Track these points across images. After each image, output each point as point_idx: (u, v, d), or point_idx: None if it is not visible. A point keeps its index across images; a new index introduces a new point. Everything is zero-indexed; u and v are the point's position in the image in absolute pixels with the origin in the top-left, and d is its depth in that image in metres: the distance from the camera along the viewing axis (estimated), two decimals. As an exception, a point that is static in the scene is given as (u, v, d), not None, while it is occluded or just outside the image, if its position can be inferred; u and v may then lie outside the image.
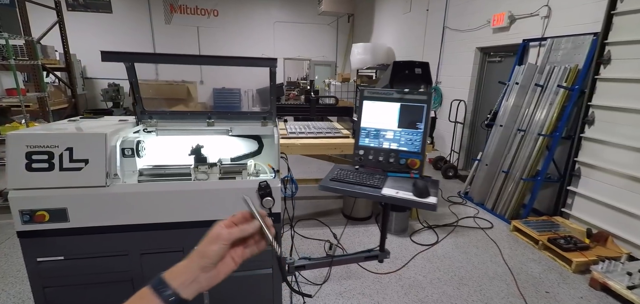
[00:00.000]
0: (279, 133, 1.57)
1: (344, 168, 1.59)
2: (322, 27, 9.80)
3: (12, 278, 2.33)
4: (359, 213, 3.57)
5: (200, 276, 0.55)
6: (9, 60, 3.22)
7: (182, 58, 1.55)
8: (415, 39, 6.35)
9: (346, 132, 3.34)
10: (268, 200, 1.52)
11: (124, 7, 8.55)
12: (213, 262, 0.55)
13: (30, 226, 1.40)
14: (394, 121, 1.55)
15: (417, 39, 6.26)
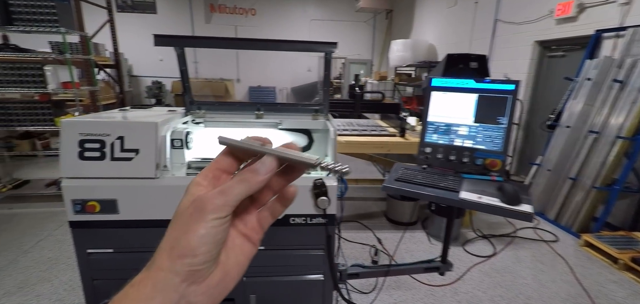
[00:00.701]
0: (335, 127, 1.42)
1: (409, 168, 1.40)
2: (358, 24, 9.59)
3: (63, 265, 2.38)
4: (403, 217, 3.34)
5: (190, 292, 0.29)
6: (65, 54, 3.36)
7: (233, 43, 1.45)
8: (461, 34, 5.96)
9: (393, 130, 3.13)
10: (323, 200, 1.38)
11: (168, 7, 8.88)
12: (206, 260, 0.29)
13: (82, 216, 1.36)
14: (470, 115, 1.34)
15: (464, 34, 5.87)
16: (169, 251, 0.30)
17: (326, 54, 1.46)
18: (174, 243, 0.30)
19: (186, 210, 0.31)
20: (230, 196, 0.31)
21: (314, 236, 1.50)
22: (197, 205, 0.30)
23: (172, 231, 0.31)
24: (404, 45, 6.93)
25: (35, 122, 3.32)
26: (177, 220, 0.31)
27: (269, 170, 0.33)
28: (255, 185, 0.32)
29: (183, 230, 0.30)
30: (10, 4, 3.13)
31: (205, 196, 0.30)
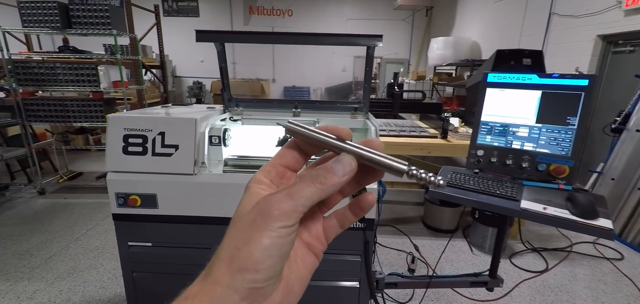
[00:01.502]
0: (377, 126, 1.33)
1: (458, 172, 1.28)
2: (396, 23, 9.33)
3: (108, 254, 2.51)
4: (442, 224, 3.15)
5: None
6: (116, 55, 3.57)
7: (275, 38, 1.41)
8: (509, 30, 5.56)
9: (433, 131, 2.96)
10: (362, 203, 1.29)
11: (209, 10, 9.24)
12: (270, 276, 0.25)
13: (124, 209, 1.39)
14: (531, 114, 1.19)
15: (512, 30, 5.46)
16: (228, 263, 0.25)
17: (369, 48, 1.37)
18: (234, 254, 0.25)
19: (248, 215, 0.26)
20: (300, 199, 0.25)
21: (350, 240, 1.42)
22: (261, 209, 0.25)
23: (231, 239, 0.26)
24: (445, 43, 6.61)
25: (89, 118, 3.56)
26: (237, 225, 0.26)
27: (348, 171, 0.27)
28: (330, 188, 0.27)
29: (244, 239, 0.24)
30: (70, 8, 3.39)
31: (271, 199, 0.25)
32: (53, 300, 2.04)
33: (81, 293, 2.10)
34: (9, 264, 2.37)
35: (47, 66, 3.47)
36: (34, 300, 2.03)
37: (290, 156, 0.31)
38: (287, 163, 0.30)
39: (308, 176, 0.27)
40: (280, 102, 1.67)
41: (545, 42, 4.64)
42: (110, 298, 2.07)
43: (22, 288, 2.13)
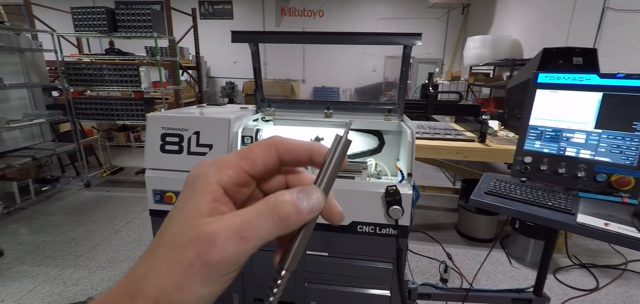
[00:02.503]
0: (414, 128, 1.27)
1: (502, 179, 1.18)
2: (430, 21, 9.04)
3: (145, 247, 2.60)
4: (478, 233, 2.99)
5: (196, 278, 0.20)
6: (156, 57, 3.75)
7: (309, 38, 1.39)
8: (555, 28, 5.18)
9: (470, 134, 2.81)
10: (396, 210, 1.24)
11: (243, 13, 9.48)
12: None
13: (160, 205, 1.44)
14: (589, 118, 1.07)
15: (559, 27, 5.08)
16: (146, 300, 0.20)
17: (405, 48, 1.31)
18: (160, 298, 0.19)
19: (184, 249, 0.20)
20: (253, 241, 0.21)
21: (382, 247, 1.37)
22: (201, 251, 0.20)
23: (159, 275, 0.20)
24: (483, 42, 6.29)
25: (130, 117, 3.77)
26: (167, 258, 0.20)
27: (316, 210, 0.23)
28: (293, 226, 0.23)
29: (176, 283, 0.19)
30: (117, 13, 3.61)
31: (216, 240, 0.20)
32: (95, 288, 2.16)
33: (120, 283, 2.21)
34: (58, 251, 2.55)
35: (95, 67, 3.71)
36: (79, 286, 2.16)
37: (262, 164, 0.24)
38: (255, 172, 0.24)
39: (266, 207, 0.21)
40: (312, 102, 1.65)
41: (598, 39, 4.26)
42: (146, 289, 2.16)
43: (68, 274, 2.28)
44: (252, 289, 1.51)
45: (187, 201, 0.22)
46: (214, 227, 0.20)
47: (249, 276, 1.49)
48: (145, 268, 0.20)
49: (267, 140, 0.25)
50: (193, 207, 0.21)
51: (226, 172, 0.23)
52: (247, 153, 0.24)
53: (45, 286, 2.15)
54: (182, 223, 0.21)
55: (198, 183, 0.22)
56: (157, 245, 0.21)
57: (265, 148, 0.24)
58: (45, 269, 2.32)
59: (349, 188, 1.31)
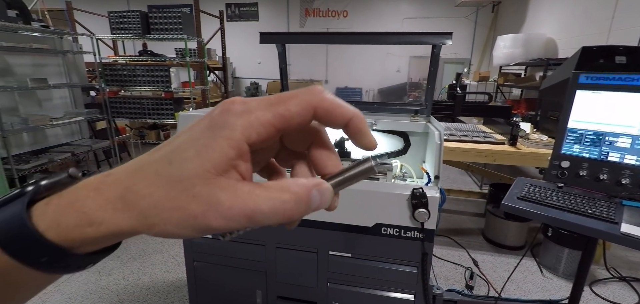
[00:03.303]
0: (442, 130, 1.23)
1: (536, 184, 1.13)
2: (457, 20, 8.78)
3: (171, 241, 2.73)
4: (506, 239, 2.87)
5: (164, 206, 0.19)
6: (186, 58, 3.88)
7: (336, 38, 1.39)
8: (595, 25, 4.88)
9: (500, 137, 2.70)
10: (422, 213, 1.21)
11: (268, 14, 9.64)
12: None
13: (189, 201, 1.48)
14: (636, 121, 1.00)
15: (598, 25, 4.78)
16: (134, 204, 0.20)
17: (434, 47, 1.28)
18: (157, 222, 0.20)
19: (191, 198, 0.19)
20: (257, 225, 0.21)
21: (407, 250, 1.34)
22: (207, 212, 0.19)
23: (156, 197, 0.19)
24: (514, 41, 6.04)
25: (161, 116, 3.93)
26: (170, 187, 0.19)
27: (322, 206, 0.23)
28: (296, 216, 0.21)
29: (175, 220, 0.20)
30: (150, 16, 3.77)
31: (225, 210, 0.19)
32: (126, 277, 2.27)
33: (149, 274, 2.31)
34: (93, 242, 2.70)
35: (129, 68, 3.90)
36: (111, 276, 2.28)
37: (296, 125, 0.22)
38: (287, 130, 0.22)
39: (281, 204, 0.20)
40: (336, 102, 1.65)
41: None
42: (173, 282, 2.24)
43: (101, 264, 2.41)
44: (275, 286, 1.52)
45: (207, 147, 0.19)
46: (227, 199, 0.19)
47: (272, 274, 1.51)
48: (145, 188, 0.19)
49: (306, 95, 0.21)
50: (212, 160, 0.19)
51: (257, 130, 0.20)
52: (283, 109, 0.21)
53: (82, 274, 2.28)
54: (197, 171, 0.19)
55: (224, 133, 0.20)
56: (163, 171, 0.20)
57: (303, 107, 0.21)
58: (82, 259, 2.46)
59: (373, 189, 1.29)
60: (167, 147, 0.21)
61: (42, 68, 3.47)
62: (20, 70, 3.24)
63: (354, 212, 1.33)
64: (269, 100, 0.21)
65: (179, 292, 2.13)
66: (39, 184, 0.20)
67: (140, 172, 0.20)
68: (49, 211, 0.19)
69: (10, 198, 0.20)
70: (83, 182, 0.20)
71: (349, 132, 0.23)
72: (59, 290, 2.13)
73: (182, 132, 0.21)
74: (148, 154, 0.21)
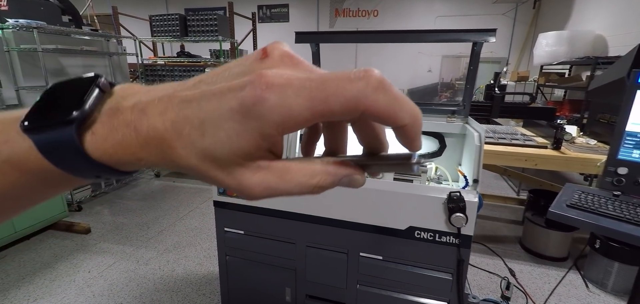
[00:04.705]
0: (482, 132, 1.18)
1: (588, 192, 1.05)
2: (494, 18, 8.38)
3: (204, 235, 2.83)
4: (546, 250, 2.69)
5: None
6: (220, 58, 4.01)
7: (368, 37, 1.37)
8: (652, 20, 4.45)
9: (542, 140, 2.54)
10: (459, 217, 1.16)
11: (298, 15, 9.74)
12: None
13: (223, 197, 1.52)
14: None
15: (656, 19, 4.36)
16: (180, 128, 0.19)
17: (475, 45, 1.22)
18: (184, 167, 0.20)
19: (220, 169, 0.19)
20: (289, 186, 0.20)
21: (441, 256, 1.30)
22: (230, 185, 0.20)
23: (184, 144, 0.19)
24: (558, 38, 5.66)
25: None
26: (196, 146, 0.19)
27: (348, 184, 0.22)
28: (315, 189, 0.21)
29: (198, 170, 0.19)
30: (188, 19, 3.94)
31: (249, 190, 0.20)
32: (162, 268, 2.38)
33: (183, 266, 2.40)
34: (132, 232, 2.86)
35: (167, 69, 4.10)
36: (149, 266, 2.40)
37: (336, 123, 0.24)
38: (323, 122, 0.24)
39: (308, 184, 0.20)
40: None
41: None
42: (205, 275, 2.32)
43: (140, 254, 2.54)
44: (304, 285, 1.53)
45: (239, 136, 0.18)
46: (258, 184, 0.20)
47: (301, 272, 1.51)
48: (182, 150, 0.19)
49: (356, 92, 0.19)
50: (244, 149, 0.19)
51: (291, 126, 0.19)
52: (324, 108, 0.18)
53: (122, 263, 2.43)
54: (229, 156, 0.19)
55: (256, 125, 0.18)
56: (197, 142, 0.19)
57: (349, 109, 0.19)
58: (123, 248, 2.62)
59: (407, 191, 1.26)
60: (198, 107, 0.19)
61: (91, 69, 3.73)
62: (72, 71, 3.50)
63: (386, 214, 1.30)
64: (310, 85, 0.18)
65: (211, 284, 2.20)
66: (84, 109, 0.19)
67: (176, 129, 0.19)
68: (98, 141, 0.19)
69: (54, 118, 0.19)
70: (123, 120, 0.20)
71: (398, 134, 0.20)
72: (102, 276, 2.27)
73: (212, 78, 0.20)
74: (182, 103, 0.19)
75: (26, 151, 0.19)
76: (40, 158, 0.19)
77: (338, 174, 0.21)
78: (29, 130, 0.19)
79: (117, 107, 0.20)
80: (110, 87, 0.21)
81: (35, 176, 0.20)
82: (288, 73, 0.19)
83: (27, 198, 0.23)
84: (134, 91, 0.21)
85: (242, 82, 0.18)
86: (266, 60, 0.20)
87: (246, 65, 0.20)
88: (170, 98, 0.19)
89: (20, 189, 0.21)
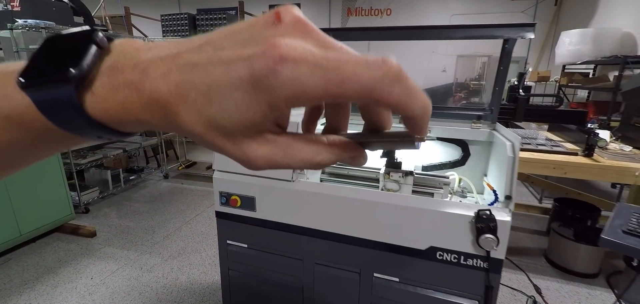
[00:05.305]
0: (516, 141, 1.02)
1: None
2: (513, 16, 8.08)
3: (211, 241, 2.73)
4: (575, 265, 2.49)
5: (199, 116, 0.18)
6: (228, 58, 3.95)
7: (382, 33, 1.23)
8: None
9: (571, 146, 2.35)
10: (488, 240, 1.02)
11: (310, 14, 9.51)
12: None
13: (226, 208, 1.42)
14: None
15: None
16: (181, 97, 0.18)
17: (506, 42, 1.07)
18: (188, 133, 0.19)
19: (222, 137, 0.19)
20: (293, 160, 0.20)
21: (466, 280, 1.15)
22: (234, 155, 0.20)
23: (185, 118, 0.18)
24: (582, 37, 5.37)
25: (204, 115, 4.03)
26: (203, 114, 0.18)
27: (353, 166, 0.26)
28: (317, 166, 0.21)
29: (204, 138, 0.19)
30: (197, 19, 3.88)
31: (251, 161, 0.20)
32: (166, 276, 2.29)
33: (187, 274, 2.31)
34: (138, 236, 2.79)
35: (176, 69, 4.06)
36: (152, 273, 2.32)
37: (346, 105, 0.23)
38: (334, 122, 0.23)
39: (311, 160, 0.20)
40: (384, 106, 1.49)
41: None
42: (208, 284, 2.22)
43: (144, 260, 2.47)
44: None
45: (248, 108, 0.18)
46: (263, 157, 0.20)
47: (309, 291, 1.39)
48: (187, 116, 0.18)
49: (372, 80, 0.17)
50: (252, 121, 0.18)
51: (302, 102, 0.18)
52: (337, 90, 0.17)
53: (126, 269, 2.35)
54: (237, 126, 0.19)
55: (266, 98, 0.18)
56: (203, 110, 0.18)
57: (363, 95, 0.17)
58: (127, 253, 2.54)
59: (428, 207, 1.12)
60: (205, 72, 0.18)
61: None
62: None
63: (404, 231, 1.17)
64: (327, 66, 0.17)
65: (214, 295, 2.10)
66: (82, 67, 0.18)
67: (180, 93, 0.18)
68: (98, 101, 0.19)
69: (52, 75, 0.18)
70: (124, 80, 0.19)
71: (407, 123, 0.20)
72: (104, 283, 2.20)
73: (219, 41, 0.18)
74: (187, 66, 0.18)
75: (25, 107, 0.19)
76: (40, 115, 0.19)
77: (342, 154, 0.21)
78: (27, 87, 0.18)
79: (116, 66, 0.19)
80: (108, 41, 0.20)
81: (36, 133, 0.20)
82: (302, 46, 0.17)
83: (29, 154, 0.23)
84: (134, 47, 0.19)
85: (253, 51, 0.17)
86: (278, 25, 0.18)
87: (256, 29, 0.18)
88: (175, 58, 0.18)
89: (23, 144, 0.21)
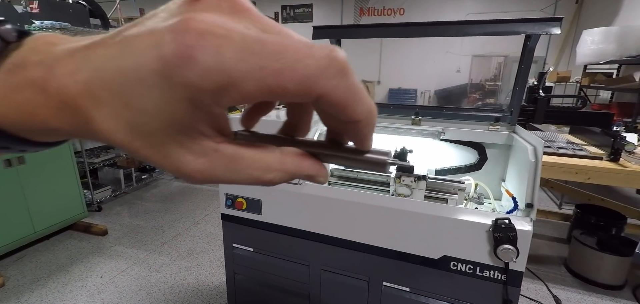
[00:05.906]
0: (539, 145, 0.95)
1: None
2: (531, 15, 7.83)
3: (219, 243, 2.71)
4: (599, 275, 2.36)
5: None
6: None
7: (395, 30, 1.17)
8: None
9: (595, 149, 2.23)
10: (507, 251, 0.95)
11: (322, 15, 9.59)
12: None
13: (231, 210, 1.39)
14: None
15: None
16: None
17: (528, 39, 1.00)
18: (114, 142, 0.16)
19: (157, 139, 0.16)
20: (239, 176, 0.17)
21: (482, 293, 1.08)
22: (164, 166, 0.16)
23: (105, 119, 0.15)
24: (606, 35, 5.14)
25: (215, 115, 4.02)
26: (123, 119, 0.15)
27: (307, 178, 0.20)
28: (267, 184, 0.19)
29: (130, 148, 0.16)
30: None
31: (186, 173, 0.17)
32: (174, 276, 2.28)
33: (194, 275, 2.30)
34: (148, 236, 2.80)
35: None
36: (160, 273, 2.31)
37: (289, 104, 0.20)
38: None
39: (261, 169, 0.18)
40: (398, 107, 1.43)
41: None
42: (216, 286, 2.20)
43: (153, 259, 2.47)
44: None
45: (167, 105, 0.14)
46: (192, 168, 0.16)
47: (316, 298, 1.34)
48: (105, 122, 0.15)
49: (314, 70, 0.14)
50: (173, 122, 0.15)
51: (234, 99, 0.15)
52: (275, 84, 0.14)
53: (135, 268, 2.36)
54: (161, 132, 0.15)
55: (185, 91, 0.14)
56: (123, 113, 0.15)
57: (303, 91, 0.15)
58: (136, 252, 2.55)
59: (441, 214, 1.05)
60: (116, 67, 0.14)
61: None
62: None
63: (416, 239, 1.10)
64: (261, 50, 0.14)
65: (220, 298, 2.07)
66: None
67: (90, 93, 0.15)
68: None
69: None
70: (26, 78, 0.16)
71: (349, 130, 0.18)
72: (113, 282, 2.21)
73: (136, 23, 0.15)
74: (98, 60, 0.15)
75: None
76: None
77: (296, 173, 0.19)
78: None
79: (21, 62, 0.16)
80: (19, 36, 0.17)
81: None
82: (227, 24, 0.14)
83: None
84: (50, 41, 0.17)
85: (161, 28, 0.14)
86: (198, 1, 0.15)
87: (170, 8, 0.15)
88: (87, 51, 0.15)
89: None
